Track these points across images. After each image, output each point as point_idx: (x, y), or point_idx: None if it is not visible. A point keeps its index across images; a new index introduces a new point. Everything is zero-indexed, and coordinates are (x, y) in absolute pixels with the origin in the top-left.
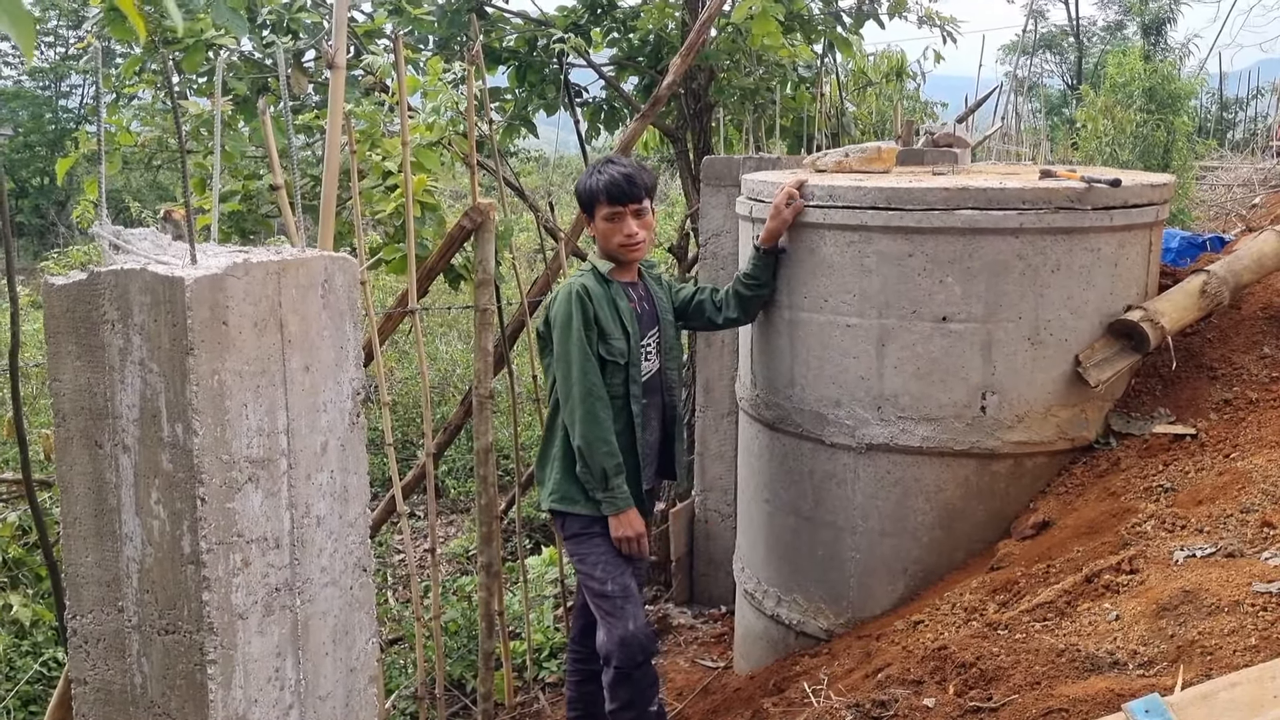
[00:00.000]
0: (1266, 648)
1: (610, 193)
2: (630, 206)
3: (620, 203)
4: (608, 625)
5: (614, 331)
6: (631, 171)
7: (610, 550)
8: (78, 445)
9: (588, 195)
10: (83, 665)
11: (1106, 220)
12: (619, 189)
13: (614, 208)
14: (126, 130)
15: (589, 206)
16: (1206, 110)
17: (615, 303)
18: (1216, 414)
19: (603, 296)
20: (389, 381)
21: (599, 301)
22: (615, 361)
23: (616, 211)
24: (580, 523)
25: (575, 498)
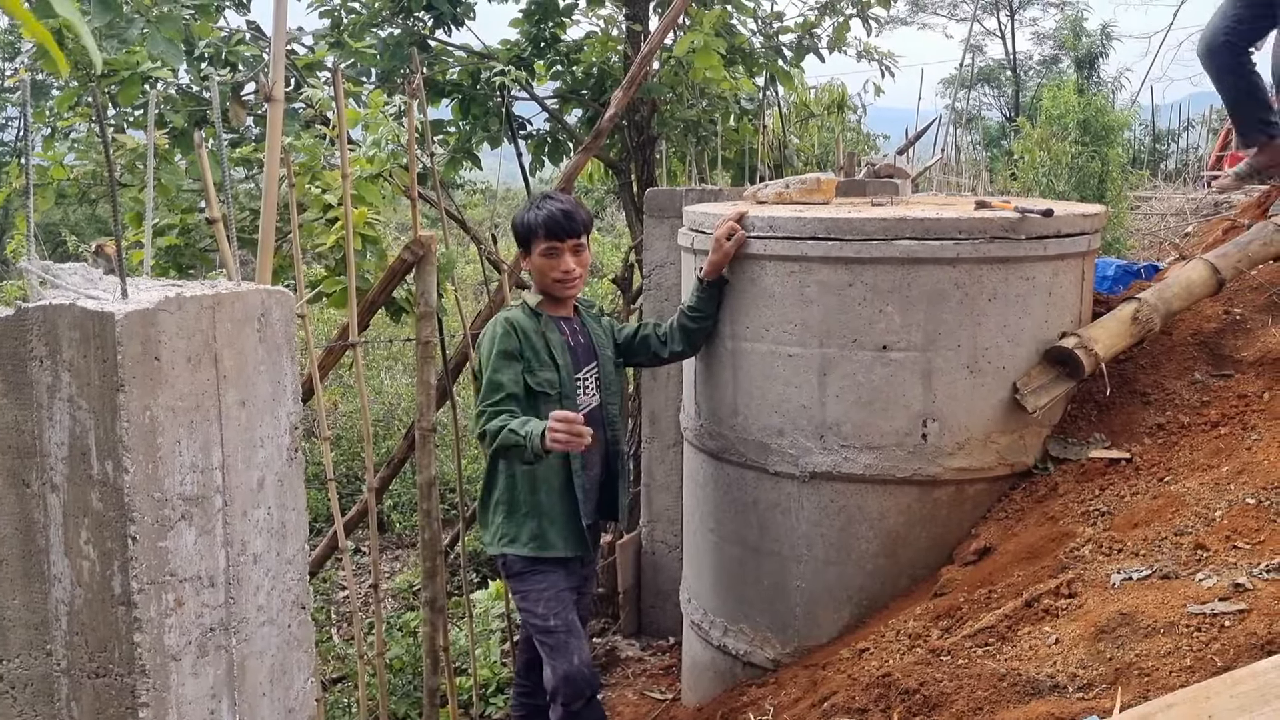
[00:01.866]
0: (1201, 668)
1: (549, 228)
2: (569, 242)
3: (558, 238)
4: (552, 662)
5: (543, 362)
6: (570, 208)
7: (552, 587)
8: (4, 484)
9: (525, 230)
10: (10, 711)
11: (1040, 249)
12: (557, 225)
13: (551, 243)
14: (60, 164)
15: (525, 241)
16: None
17: (545, 335)
18: (1150, 438)
19: (531, 328)
20: (333, 416)
21: (525, 333)
22: (545, 392)
23: (554, 247)
24: (522, 561)
25: (520, 539)
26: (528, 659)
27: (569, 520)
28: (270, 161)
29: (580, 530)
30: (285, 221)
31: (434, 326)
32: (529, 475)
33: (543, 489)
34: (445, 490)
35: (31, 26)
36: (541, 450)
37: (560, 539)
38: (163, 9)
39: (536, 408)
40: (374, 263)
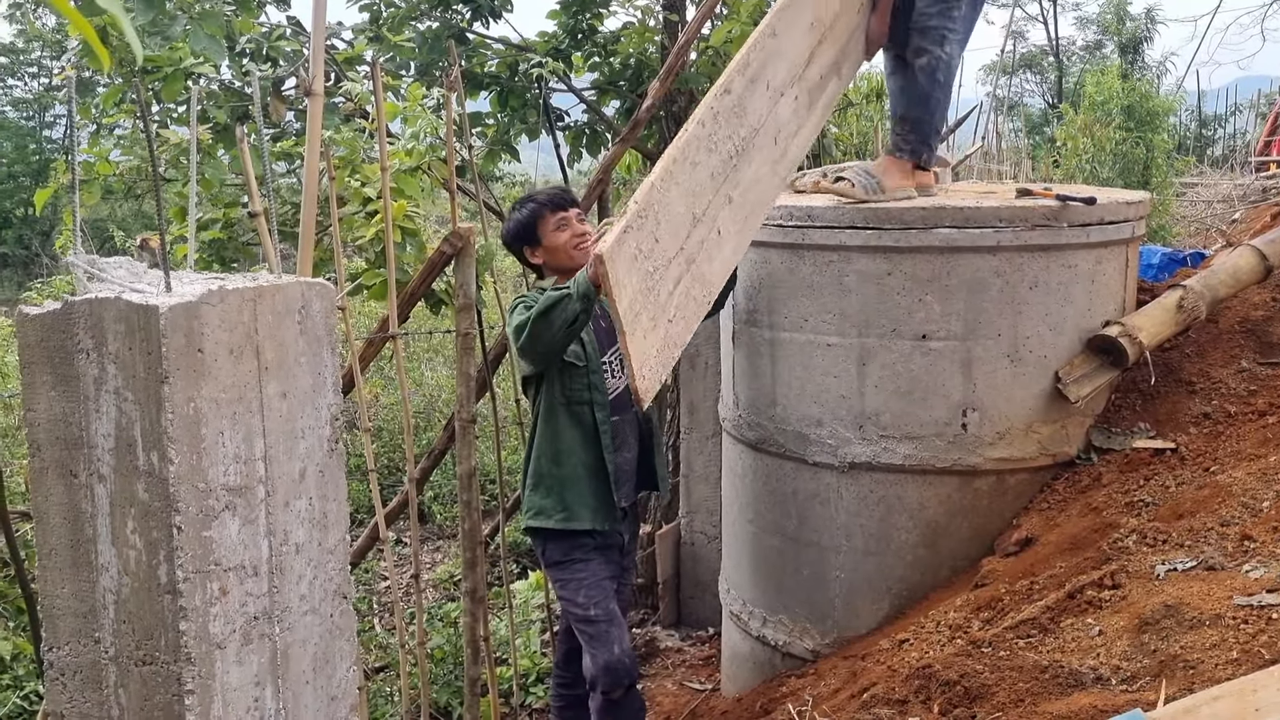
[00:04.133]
0: (1248, 661)
1: (554, 201)
2: (573, 211)
3: (564, 208)
4: (592, 651)
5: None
6: (562, 186)
7: (592, 575)
8: (53, 475)
9: (528, 220)
10: (59, 698)
11: (1083, 237)
12: (560, 196)
13: (560, 214)
14: (106, 160)
15: (530, 231)
16: (1186, 127)
17: None
18: (1196, 428)
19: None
20: (375, 408)
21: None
22: (574, 364)
23: (563, 217)
24: (560, 549)
25: (546, 511)
26: (567, 649)
27: (598, 493)
28: (310, 155)
29: (611, 505)
30: (325, 215)
31: (473, 318)
32: (555, 447)
33: (568, 462)
34: (485, 481)
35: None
36: (588, 282)
37: (588, 511)
38: (205, 5)
39: (566, 382)
40: (413, 255)
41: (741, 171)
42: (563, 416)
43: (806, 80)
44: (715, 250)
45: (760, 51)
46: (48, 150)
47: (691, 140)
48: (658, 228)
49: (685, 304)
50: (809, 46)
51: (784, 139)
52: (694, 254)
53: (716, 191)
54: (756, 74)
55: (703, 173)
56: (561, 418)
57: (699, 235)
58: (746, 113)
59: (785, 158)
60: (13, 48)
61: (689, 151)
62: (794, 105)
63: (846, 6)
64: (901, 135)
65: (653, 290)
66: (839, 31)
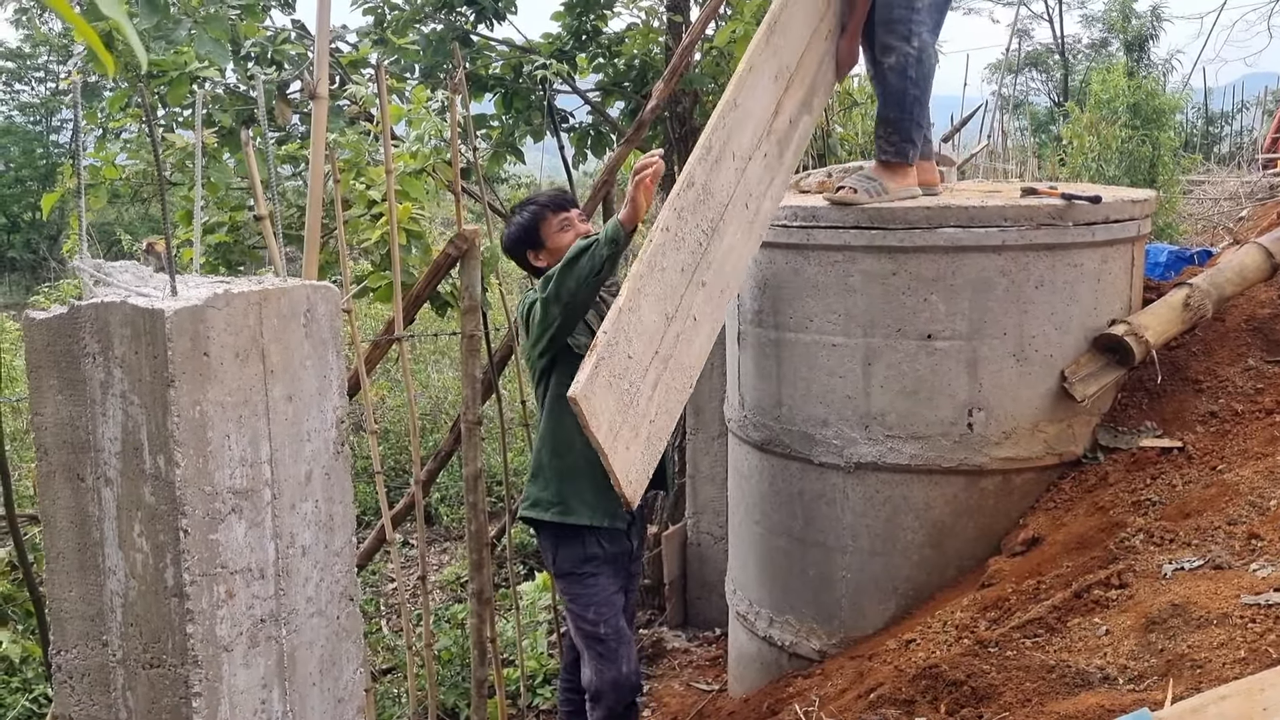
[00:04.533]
0: (1255, 660)
1: (555, 202)
2: (574, 212)
3: (565, 209)
4: (599, 666)
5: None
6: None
7: (602, 591)
8: (60, 479)
9: (531, 223)
10: (68, 701)
11: (1088, 236)
12: (561, 196)
13: (562, 214)
14: (112, 164)
15: (533, 234)
16: (1192, 125)
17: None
18: (1203, 426)
19: None
20: (382, 410)
21: None
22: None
23: (565, 218)
24: (571, 559)
25: (543, 503)
26: (575, 655)
27: (597, 488)
28: (315, 158)
29: (611, 501)
30: (331, 218)
31: (478, 320)
32: (557, 439)
33: (569, 454)
34: (492, 483)
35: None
36: (620, 227)
37: (585, 507)
38: (209, 10)
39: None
40: (419, 257)
41: (713, 251)
42: (567, 408)
43: (775, 132)
44: (692, 336)
45: (722, 130)
46: (55, 155)
47: (658, 249)
48: (630, 345)
49: (666, 398)
50: (775, 97)
51: (755, 200)
52: (670, 351)
53: (689, 283)
54: (720, 153)
55: (672, 273)
56: (566, 409)
57: (674, 331)
58: (713, 194)
59: (758, 217)
60: (19, 52)
61: (656, 260)
62: (764, 162)
63: (814, 38)
64: (884, 138)
65: (631, 404)
66: (807, 66)
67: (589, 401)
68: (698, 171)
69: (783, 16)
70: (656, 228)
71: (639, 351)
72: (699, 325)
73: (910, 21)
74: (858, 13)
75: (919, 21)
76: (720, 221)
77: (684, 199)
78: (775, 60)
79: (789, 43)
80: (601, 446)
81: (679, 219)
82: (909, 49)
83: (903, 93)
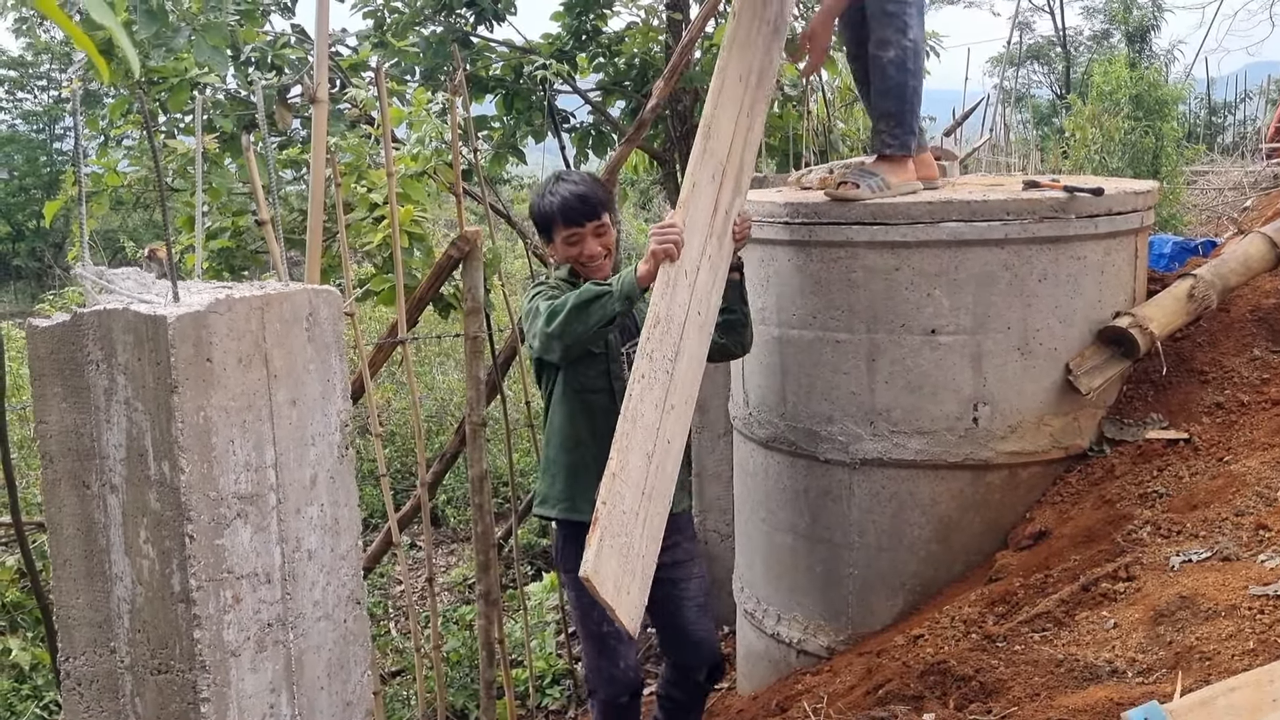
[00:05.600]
0: (1264, 651)
1: (566, 216)
2: (589, 225)
3: (578, 224)
4: (598, 663)
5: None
6: (584, 190)
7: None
8: (66, 486)
9: (543, 218)
10: (77, 708)
11: (1091, 228)
12: (573, 210)
13: (572, 230)
14: (114, 171)
15: (546, 229)
16: (1195, 115)
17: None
18: (1209, 417)
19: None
20: (387, 412)
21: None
22: (592, 351)
23: (575, 233)
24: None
25: (550, 499)
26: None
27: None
28: (316, 162)
29: None
30: (333, 221)
31: (481, 321)
32: (564, 434)
33: (576, 451)
34: (498, 484)
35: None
36: (634, 285)
37: (589, 505)
38: (208, 17)
39: (582, 370)
40: (421, 260)
41: (677, 372)
42: (575, 404)
43: (715, 231)
44: (666, 459)
45: (669, 285)
46: (58, 162)
47: (638, 400)
48: (623, 501)
49: (650, 525)
50: (713, 198)
51: (704, 302)
52: (653, 484)
53: (662, 415)
54: (675, 276)
55: (649, 415)
56: (574, 405)
57: (655, 465)
58: (673, 319)
59: (708, 316)
60: (21, 61)
61: (638, 411)
62: (709, 265)
63: (740, 115)
64: (886, 131)
65: (628, 553)
66: (735, 149)
67: (599, 575)
68: (660, 305)
69: (714, 120)
70: (633, 378)
71: (630, 503)
72: (672, 446)
73: (905, 15)
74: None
75: (912, 14)
76: (680, 340)
77: (652, 339)
78: (711, 162)
79: (721, 140)
80: (610, 605)
81: (650, 362)
82: (906, 42)
83: (903, 85)
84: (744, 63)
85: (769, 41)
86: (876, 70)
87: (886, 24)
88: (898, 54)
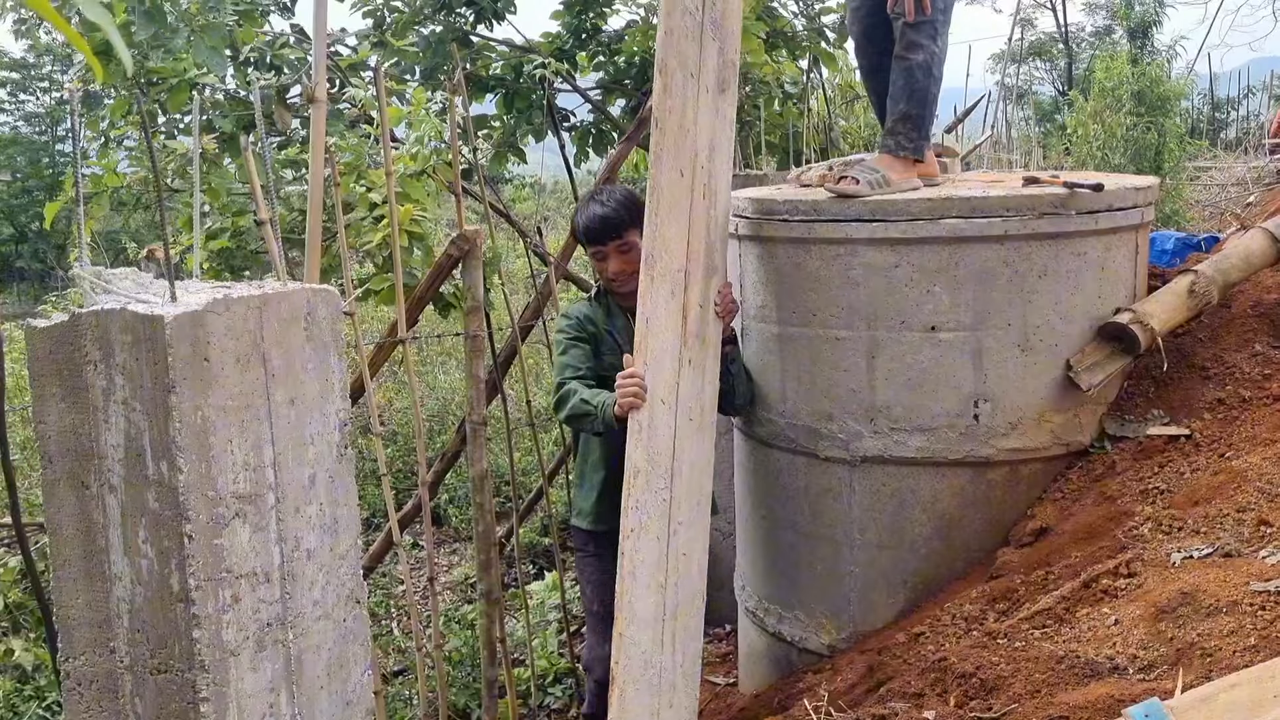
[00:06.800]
0: (1266, 647)
1: (587, 235)
2: (610, 245)
3: (600, 243)
4: (592, 640)
5: (610, 348)
6: (606, 210)
7: (600, 571)
8: (65, 486)
9: (577, 234)
10: (77, 708)
11: (1091, 224)
12: (593, 231)
13: (595, 248)
14: (114, 172)
15: (580, 239)
16: (1198, 111)
17: (612, 321)
18: (1210, 413)
19: (597, 317)
20: (389, 412)
21: (590, 320)
22: (609, 376)
23: (598, 250)
24: (580, 538)
25: (580, 510)
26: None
27: (591, 497)
28: (315, 162)
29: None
30: (332, 221)
31: (482, 321)
32: (587, 449)
33: (599, 467)
34: (500, 483)
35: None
36: (613, 419)
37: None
38: (207, 17)
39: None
40: (421, 259)
41: (678, 495)
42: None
43: (692, 332)
44: (689, 568)
45: (641, 430)
46: (60, 164)
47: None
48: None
49: (679, 630)
50: (679, 311)
51: (696, 401)
52: (676, 599)
53: (667, 550)
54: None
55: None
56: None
57: (670, 585)
58: (654, 480)
59: (705, 413)
60: (23, 62)
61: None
62: (689, 368)
63: (693, 209)
64: (904, 134)
65: (659, 680)
66: (695, 245)
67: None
68: (636, 455)
69: (657, 238)
70: (624, 534)
71: (648, 642)
72: (691, 556)
73: (936, 22)
74: None
75: (944, 22)
76: (673, 463)
77: (634, 492)
78: (664, 284)
79: (670, 251)
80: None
81: (638, 513)
82: (935, 48)
83: (926, 90)
84: (680, 154)
85: (715, 101)
86: (903, 72)
87: (920, 29)
88: (926, 58)
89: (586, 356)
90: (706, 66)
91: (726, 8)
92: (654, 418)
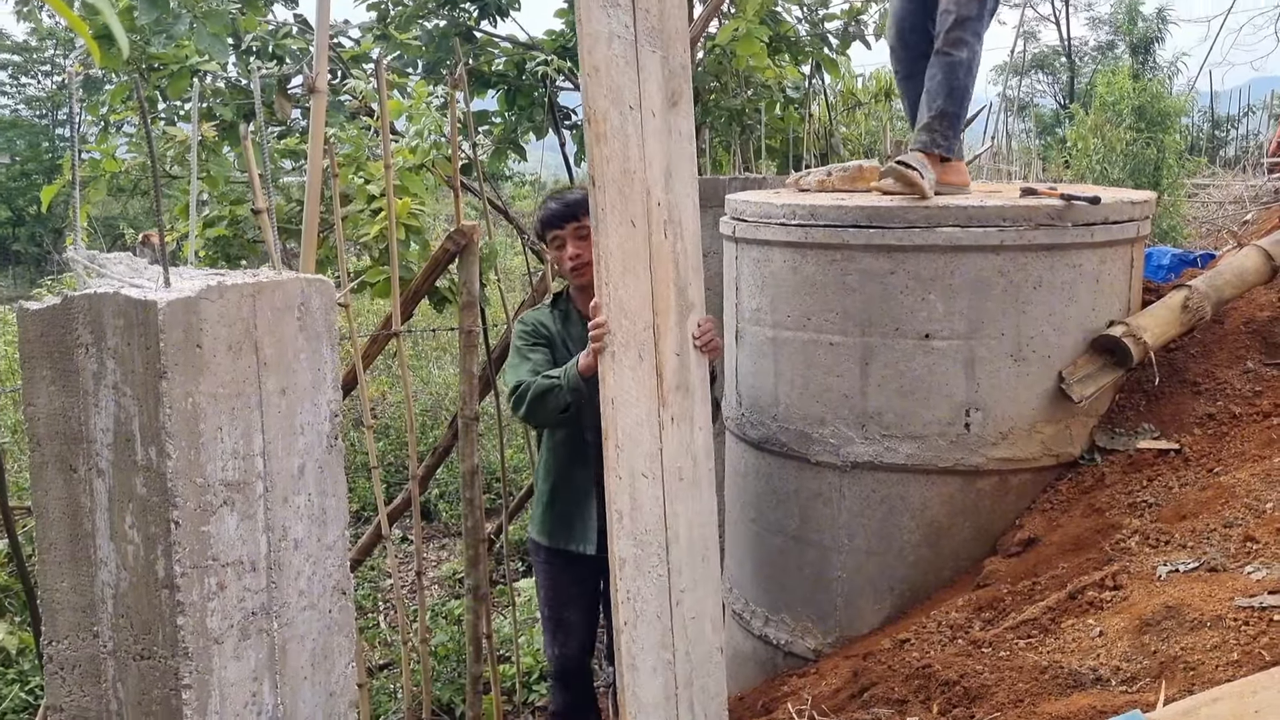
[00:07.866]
0: (1249, 663)
1: (546, 221)
2: (569, 227)
3: (558, 226)
4: (546, 640)
5: (567, 355)
6: (565, 199)
7: (552, 582)
8: (52, 470)
9: (539, 224)
10: (59, 692)
11: (1087, 237)
12: (553, 215)
13: (553, 233)
14: (112, 157)
15: (541, 232)
16: (1198, 128)
17: (567, 329)
18: (1200, 429)
19: (551, 324)
20: (382, 405)
21: (544, 326)
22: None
23: (556, 236)
24: (532, 544)
25: (536, 522)
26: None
27: (581, 513)
28: (314, 153)
29: (598, 529)
30: (330, 212)
31: (476, 316)
32: (549, 463)
33: (545, 477)
34: (491, 480)
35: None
36: (577, 376)
37: (565, 531)
38: (209, 4)
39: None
40: (417, 253)
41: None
42: (558, 433)
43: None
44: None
45: (622, 518)
46: (60, 148)
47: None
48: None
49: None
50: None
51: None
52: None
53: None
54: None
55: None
56: (557, 434)
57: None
58: (645, 561)
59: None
60: (25, 46)
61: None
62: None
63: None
64: (939, 131)
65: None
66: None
67: None
68: (620, 545)
69: (612, 310)
70: (617, 626)
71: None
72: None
73: (980, 22)
74: None
75: (985, 25)
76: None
77: (624, 581)
78: (631, 351)
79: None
80: None
81: (630, 605)
82: (978, 48)
83: (965, 90)
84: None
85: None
86: (945, 67)
87: (966, 26)
88: (969, 57)
89: (546, 361)
90: (649, 89)
91: (664, 7)
92: (635, 495)
